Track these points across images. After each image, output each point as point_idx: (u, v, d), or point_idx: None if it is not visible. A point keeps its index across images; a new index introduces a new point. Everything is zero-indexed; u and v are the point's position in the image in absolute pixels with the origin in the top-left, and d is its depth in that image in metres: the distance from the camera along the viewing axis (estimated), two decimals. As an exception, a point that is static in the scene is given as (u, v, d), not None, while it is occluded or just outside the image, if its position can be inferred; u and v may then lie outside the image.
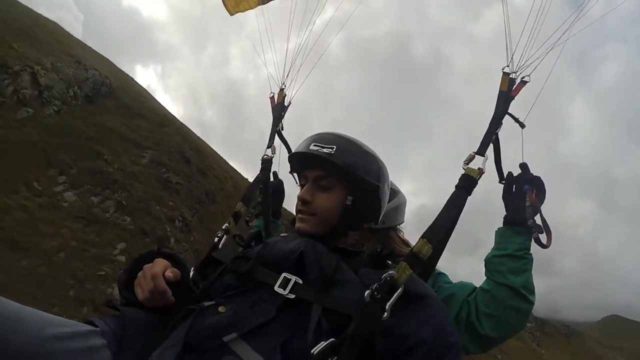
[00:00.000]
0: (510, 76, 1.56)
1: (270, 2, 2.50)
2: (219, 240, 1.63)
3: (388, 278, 1.13)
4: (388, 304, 1.09)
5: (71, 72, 15.50)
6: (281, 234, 1.48)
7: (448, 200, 1.38)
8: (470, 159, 1.46)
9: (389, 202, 1.86)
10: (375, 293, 1.10)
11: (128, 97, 17.81)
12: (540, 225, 1.53)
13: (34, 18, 20.09)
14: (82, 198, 12.69)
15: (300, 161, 1.48)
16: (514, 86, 1.56)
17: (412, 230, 2.12)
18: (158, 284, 1.21)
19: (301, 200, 1.39)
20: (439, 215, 1.33)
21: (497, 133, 1.54)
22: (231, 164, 20.28)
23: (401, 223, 2.12)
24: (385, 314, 1.07)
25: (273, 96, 2.18)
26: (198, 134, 22.50)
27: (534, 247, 1.57)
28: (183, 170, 15.52)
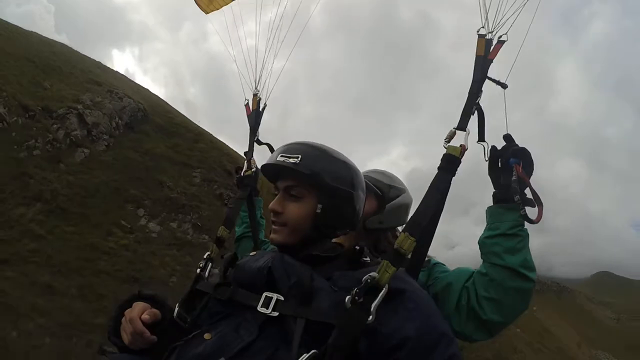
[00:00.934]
0: (487, 37, 1.45)
1: None
2: (202, 270, 1.53)
3: (369, 280, 1.09)
4: (372, 305, 1.05)
5: (111, 105, 16.02)
6: (250, 254, 1.44)
7: (430, 186, 1.29)
8: (451, 135, 1.35)
9: (391, 200, 1.88)
10: (357, 297, 1.06)
11: (159, 116, 18.40)
12: (530, 199, 1.45)
13: (48, 45, 19.90)
14: (164, 226, 13.86)
15: (270, 173, 1.45)
16: (491, 48, 1.44)
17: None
18: (135, 327, 1.24)
19: (272, 212, 1.38)
20: (420, 203, 1.26)
21: (479, 103, 1.41)
22: (220, 139, 21.23)
23: (402, 224, 1.92)
24: (371, 317, 1.04)
25: (247, 103, 2.08)
26: (183, 113, 23.49)
27: None
28: (229, 183, 16.71)
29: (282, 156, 1.35)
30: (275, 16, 2.03)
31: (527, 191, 1.46)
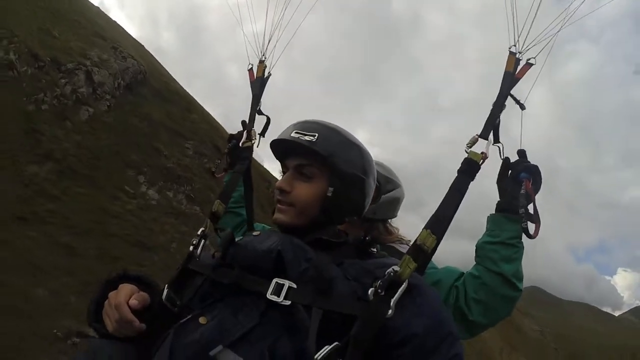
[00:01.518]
0: (517, 56, 1.46)
1: None
2: (195, 249, 1.41)
3: (392, 273, 1.07)
4: (392, 300, 1.04)
5: (116, 65, 16.31)
6: (253, 233, 1.36)
7: (450, 187, 1.28)
8: (473, 141, 1.36)
9: (386, 193, 1.97)
10: (379, 290, 1.05)
11: (156, 80, 18.74)
12: (531, 215, 1.52)
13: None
14: (161, 194, 15.06)
15: (281, 149, 1.41)
16: (519, 67, 1.46)
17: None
18: (123, 314, 1.15)
19: (279, 190, 1.33)
20: (442, 203, 1.24)
21: (500, 116, 1.43)
22: (189, 92, 22.01)
23: (393, 218, 2.09)
24: (390, 310, 1.03)
25: (251, 68, 1.94)
26: (154, 55, 23.76)
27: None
28: (218, 159, 17.94)
29: (296, 132, 1.32)
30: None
31: (529, 207, 1.53)
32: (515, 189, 1.54)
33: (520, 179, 1.53)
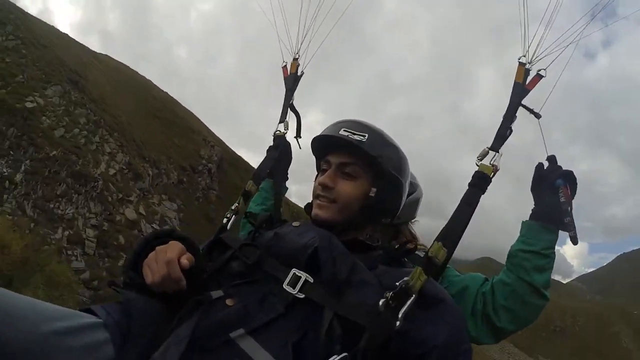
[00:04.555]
0: (526, 67, 1.44)
1: None
2: (228, 222, 1.52)
3: (403, 285, 1.07)
4: (401, 312, 1.04)
5: (216, 158, 23.70)
6: (293, 223, 1.36)
7: (462, 200, 1.26)
8: (484, 154, 1.34)
9: (409, 195, 1.85)
10: (390, 302, 1.05)
11: (226, 152, 25.89)
12: (573, 222, 1.46)
13: (147, 87, 23.29)
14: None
15: (325, 145, 1.41)
16: (529, 78, 1.44)
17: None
18: (173, 271, 1.12)
19: (322, 185, 1.33)
20: (453, 216, 1.23)
21: (511, 127, 1.41)
22: (140, 72, 28.86)
23: (413, 219, 2.10)
24: (398, 322, 1.02)
25: (285, 66, 2.01)
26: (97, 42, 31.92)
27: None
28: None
29: (345, 131, 1.33)
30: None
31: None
32: (554, 197, 1.45)
33: (556, 186, 1.45)
